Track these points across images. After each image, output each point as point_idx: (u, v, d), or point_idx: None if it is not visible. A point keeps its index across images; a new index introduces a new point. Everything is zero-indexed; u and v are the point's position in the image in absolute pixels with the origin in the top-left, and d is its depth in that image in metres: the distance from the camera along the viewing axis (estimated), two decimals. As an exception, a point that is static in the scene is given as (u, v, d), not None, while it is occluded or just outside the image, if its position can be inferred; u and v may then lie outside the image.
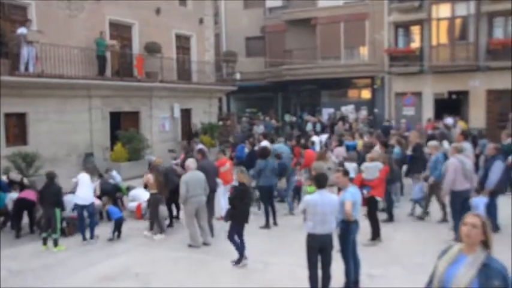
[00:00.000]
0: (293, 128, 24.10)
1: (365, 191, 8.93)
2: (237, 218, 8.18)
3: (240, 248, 8.14)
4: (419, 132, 16.24)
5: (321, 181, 6.49)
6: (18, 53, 14.53)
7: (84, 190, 9.95)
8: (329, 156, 13.74)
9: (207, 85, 23.01)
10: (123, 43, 19.00)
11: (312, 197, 6.44)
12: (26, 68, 14.62)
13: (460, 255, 3.40)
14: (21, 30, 14.40)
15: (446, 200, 9.19)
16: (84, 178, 10.16)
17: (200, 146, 14.76)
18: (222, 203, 11.23)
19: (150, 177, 10.30)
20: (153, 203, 10.14)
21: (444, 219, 10.29)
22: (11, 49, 14.57)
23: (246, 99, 29.91)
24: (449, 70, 22.91)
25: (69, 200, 10.45)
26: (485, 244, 3.36)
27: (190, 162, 9.54)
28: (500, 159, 9.44)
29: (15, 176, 12.25)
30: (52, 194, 9.64)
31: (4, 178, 11.95)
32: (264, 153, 11.23)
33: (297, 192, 12.29)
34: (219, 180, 10.92)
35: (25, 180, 11.84)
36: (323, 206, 6.28)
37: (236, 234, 8.14)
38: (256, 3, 28.62)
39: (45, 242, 9.58)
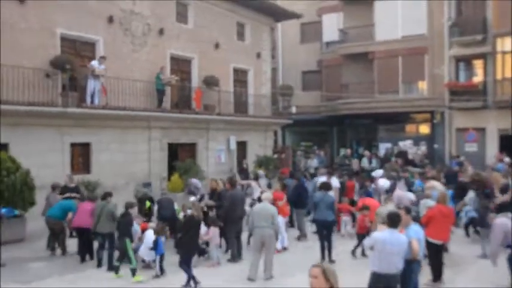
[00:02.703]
0: (349, 164, 23.44)
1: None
2: (182, 247, 8.78)
3: (189, 275, 8.55)
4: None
5: (393, 220, 6.31)
6: (85, 86, 15.33)
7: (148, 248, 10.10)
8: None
9: (263, 118, 23.21)
10: (182, 76, 19.57)
11: (382, 235, 6.25)
12: (92, 100, 15.37)
13: None
14: (93, 63, 15.31)
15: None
16: (149, 235, 10.13)
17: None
18: (284, 235, 11.66)
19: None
20: None
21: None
22: (80, 82, 15.35)
23: (301, 133, 29.81)
24: (515, 105, 21.87)
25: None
26: None
27: (264, 195, 9.94)
28: None
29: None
30: (126, 224, 9.77)
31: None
32: (325, 186, 11.14)
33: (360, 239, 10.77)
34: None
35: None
36: (392, 245, 6.10)
37: (185, 263, 8.65)
38: (313, 38, 28.81)
39: (117, 271, 9.53)
